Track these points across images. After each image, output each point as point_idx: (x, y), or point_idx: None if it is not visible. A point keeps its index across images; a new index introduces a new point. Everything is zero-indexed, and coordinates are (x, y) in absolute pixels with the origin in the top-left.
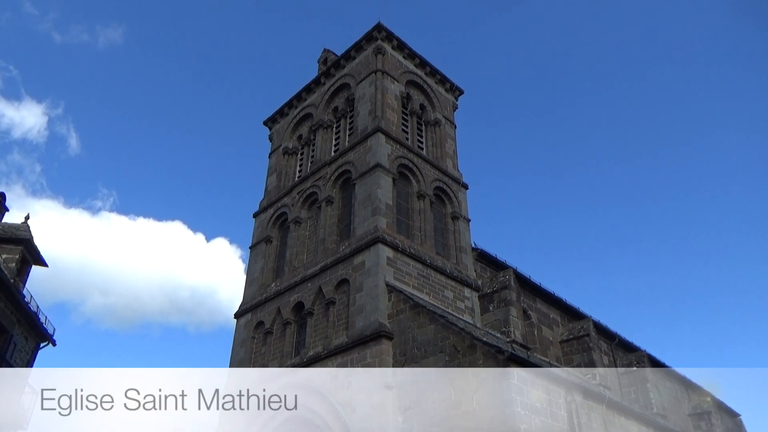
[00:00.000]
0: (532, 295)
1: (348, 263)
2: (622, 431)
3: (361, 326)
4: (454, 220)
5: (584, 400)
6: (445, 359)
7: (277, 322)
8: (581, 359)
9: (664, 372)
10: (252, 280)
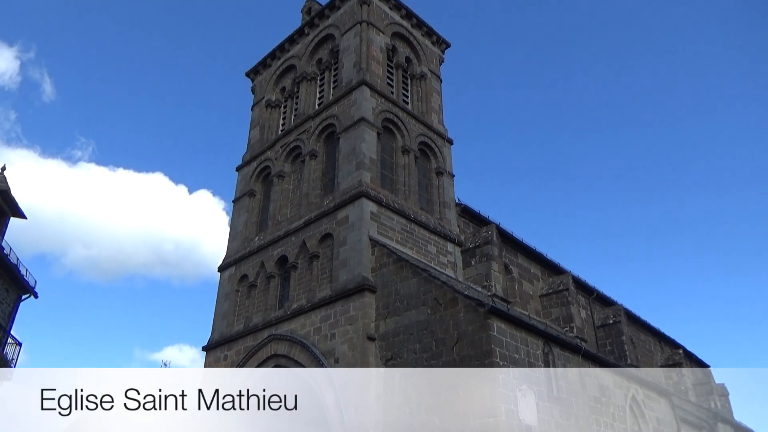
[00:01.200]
0: (514, 250)
1: (332, 217)
2: (596, 380)
3: (345, 280)
4: (438, 175)
5: (561, 351)
6: (427, 312)
7: (261, 276)
8: (560, 313)
9: (639, 325)
10: (235, 234)
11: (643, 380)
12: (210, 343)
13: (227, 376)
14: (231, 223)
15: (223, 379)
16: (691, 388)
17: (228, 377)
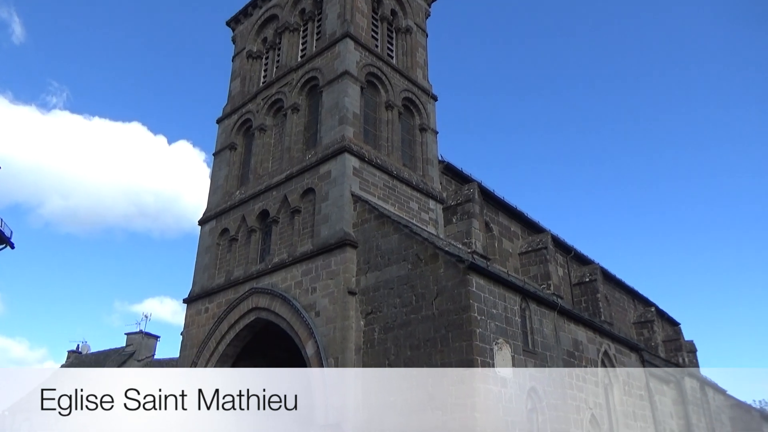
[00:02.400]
0: (495, 208)
1: (314, 172)
2: (571, 335)
3: (326, 235)
4: (421, 132)
5: (538, 307)
6: (407, 267)
7: (242, 230)
8: (538, 270)
9: (615, 284)
10: (216, 188)
11: (616, 336)
12: (191, 295)
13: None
14: (211, 176)
15: (204, 328)
16: (661, 344)
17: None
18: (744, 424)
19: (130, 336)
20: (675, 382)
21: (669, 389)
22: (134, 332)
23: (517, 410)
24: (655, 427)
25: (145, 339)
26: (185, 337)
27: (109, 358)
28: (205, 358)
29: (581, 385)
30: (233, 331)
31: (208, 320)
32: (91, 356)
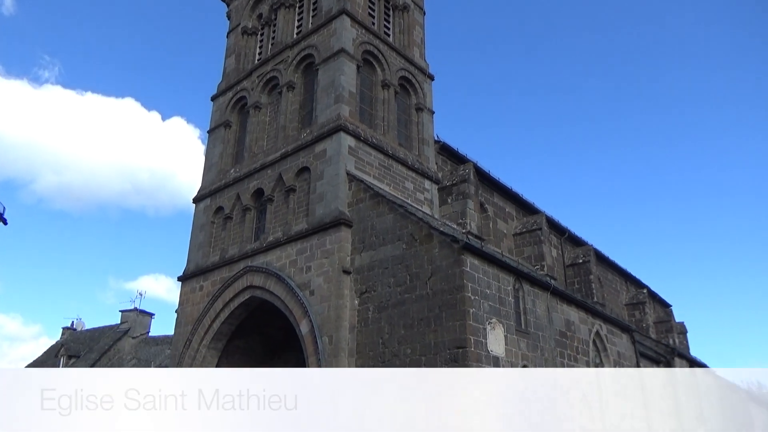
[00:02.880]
0: (490, 189)
1: (309, 151)
2: (563, 316)
3: (321, 214)
4: (418, 111)
5: (531, 287)
6: (402, 247)
7: (237, 208)
8: (532, 251)
9: (608, 265)
10: (210, 165)
11: (607, 317)
12: (185, 273)
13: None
14: (206, 154)
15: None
16: (652, 325)
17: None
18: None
19: (125, 313)
20: (665, 363)
21: (659, 370)
22: (129, 309)
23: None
24: (645, 406)
25: (139, 316)
26: (180, 314)
27: (103, 335)
28: (199, 336)
29: (572, 364)
30: (228, 309)
31: (202, 298)
32: (86, 333)
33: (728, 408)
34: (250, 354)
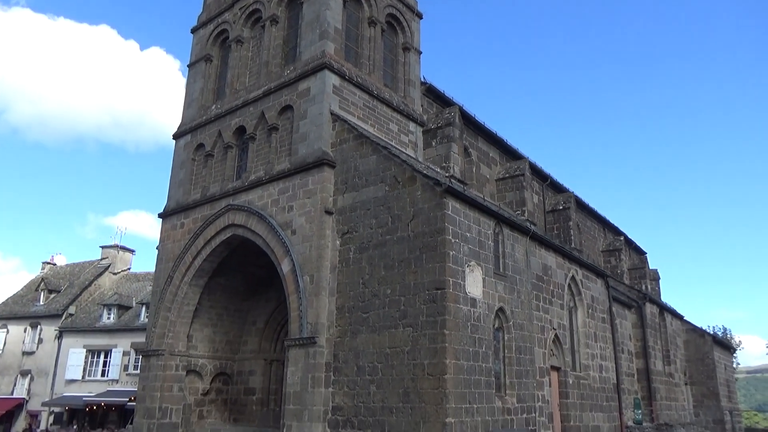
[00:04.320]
0: (475, 133)
1: (292, 89)
2: (541, 260)
3: (304, 153)
4: (404, 51)
5: (511, 231)
6: (385, 189)
7: (218, 145)
8: (513, 197)
9: (587, 212)
10: (191, 101)
11: (584, 262)
12: (166, 210)
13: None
14: (186, 89)
15: (180, 243)
16: (626, 271)
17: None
18: (696, 347)
19: (106, 249)
20: (636, 307)
21: (630, 314)
22: (110, 245)
23: (484, 329)
24: (614, 347)
25: (120, 252)
26: (161, 251)
27: (84, 270)
28: (181, 273)
29: (547, 307)
30: (209, 247)
31: (183, 235)
32: (66, 268)
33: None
34: (232, 292)
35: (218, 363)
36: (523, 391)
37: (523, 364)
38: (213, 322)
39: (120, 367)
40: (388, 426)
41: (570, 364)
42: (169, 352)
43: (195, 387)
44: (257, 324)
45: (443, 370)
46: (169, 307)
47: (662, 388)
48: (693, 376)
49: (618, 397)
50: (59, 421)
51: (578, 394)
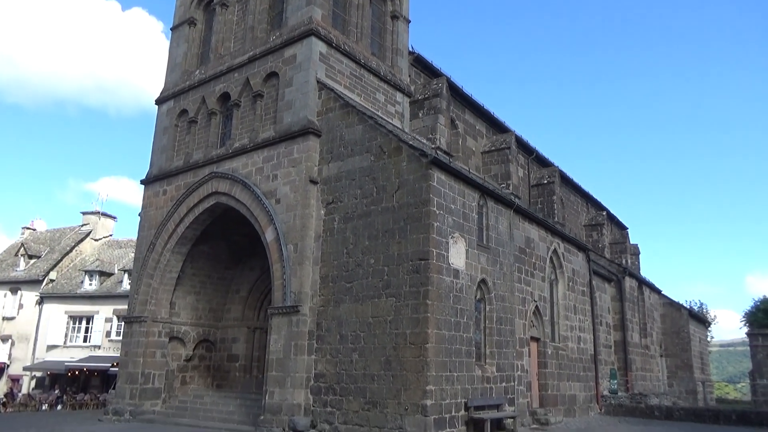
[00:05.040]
0: (462, 105)
1: (278, 55)
2: (524, 233)
3: (289, 122)
4: (393, 19)
5: (495, 204)
6: (370, 159)
7: (202, 112)
8: (499, 170)
9: (571, 187)
10: (174, 66)
11: (566, 236)
12: (148, 177)
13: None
14: (169, 52)
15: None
16: (608, 246)
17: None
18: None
19: (87, 215)
20: (616, 281)
21: (610, 287)
22: (91, 212)
23: (466, 299)
24: (593, 319)
25: (102, 219)
26: (143, 218)
27: (65, 236)
28: (163, 240)
29: (529, 279)
30: (192, 215)
31: (166, 202)
32: (47, 233)
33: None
34: (215, 259)
35: (201, 330)
36: (503, 360)
37: (503, 334)
38: (196, 289)
39: (102, 334)
40: (370, 393)
41: (549, 335)
42: (151, 318)
43: (178, 353)
44: (240, 292)
45: (425, 340)
46: (151, 274)
47: (638, 359)
48: (668, 349)
49: (595, 368)
50: (41, 386)
51: (556, 364)
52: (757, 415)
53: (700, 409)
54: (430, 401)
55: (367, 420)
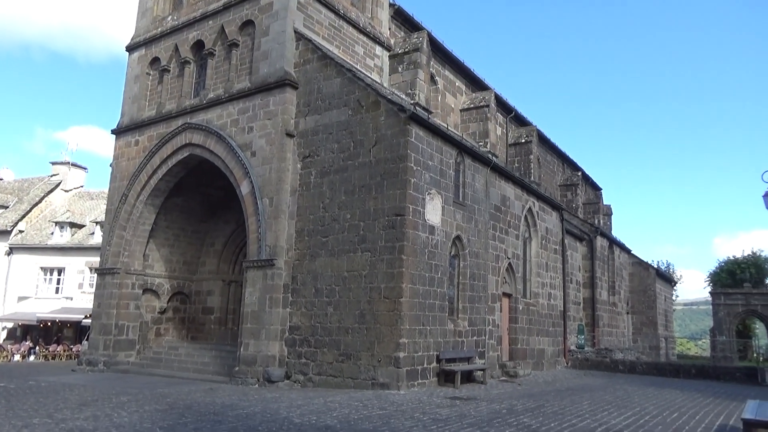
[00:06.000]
0: (442, 61)
1: (254, 3)
2: (500, 192)
3: (266, 73)
4: None
5: (472, 162)
6: (348, 113)
7: (175, 60)
8: (477, 128)
9: (548, 147)
10: (145, 11)
11: (541, 195)
12: (119, 126)
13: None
14: None
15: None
16: (581, 206)
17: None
18: (640, 279)
19: (56, 165)
20: (588, 240)
21: (581, 246)
22: (61, 162)
23: (441, 255)
24: (563, 277)
25: (72, 169)
26: (115, 169)
27: (33, 186)
28: (136, 192)
29: (503, 237)
30: (165, 166)
31: (138, 153)
32: (14, 183)
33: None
34: (190, 212)
35: (176, 283)
36: (475, 315)
37: (476, 290)
38: (170, 242)
39: (74, 285)
40: (344, 345)
41: (521, 291)
42: (124, 270)
43: (152, 305)
44: (215, 245)
45: (399, 294)
46: (124, 226)
47: (605, 316)
48: (635, 306)
49: (564, 324)
50: (12, 337)
51: (527, 320)
52: (715, 369)
53: (662, 363)
54: (402, 353)
55: (341, 371)
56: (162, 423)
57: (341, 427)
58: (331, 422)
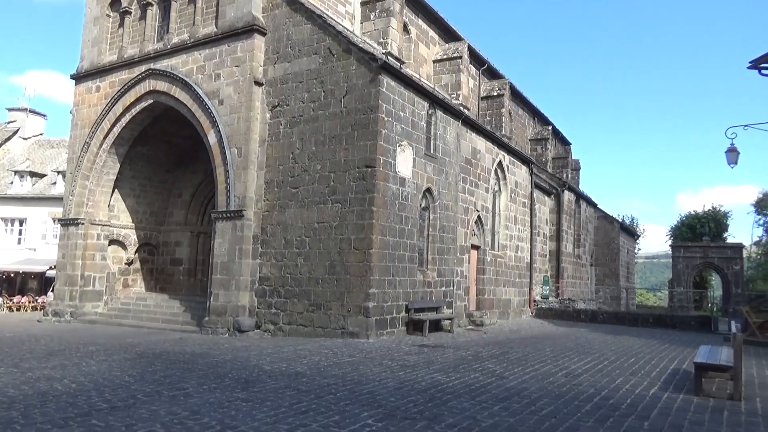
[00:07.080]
0: (416, 9)
1: None
2: (471, 144)
3: (233, 17)
4: None
5: (444, 114)
6: (318, 61)
7: (136, 2)
8: (450, 80)
9: (520, 100)
10: None
11: (511, 148)
12: (79, 71)
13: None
14: None
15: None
16: (551, 160)
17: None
18: (605, 233)
19: (13, 111)
20: (555, 194)
21: (549, 200)
22: (18, 108)
23: (411, 207)
24: (531, 230)
25: (30, 116)
26: (75, 116)
27: None
28: (98, 140)
29: (473, 189)
30: (129, 114)
31: (100, 100)
32: None
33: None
34: (156, 162)
35: (143, 234)
36: (444, 266)
37: (445, 242)
38: (136, 192)
39: (37, 236)
40: (314, 295)
41: (489, 243)
42: (89, 221)
43: (119, 256)
44: (183, 196)
45: (369, 245)
46: (87, 176)
47: (570, 267)
48: (599, 258)
49: (530, 275)
50: None
51: (494, 271)
52: (671, 318)
53: (622, 313)
54: (372, 303)
55: (311, 321)
56: (131, 371)
57: (311, 373)
58: (301, 369)
